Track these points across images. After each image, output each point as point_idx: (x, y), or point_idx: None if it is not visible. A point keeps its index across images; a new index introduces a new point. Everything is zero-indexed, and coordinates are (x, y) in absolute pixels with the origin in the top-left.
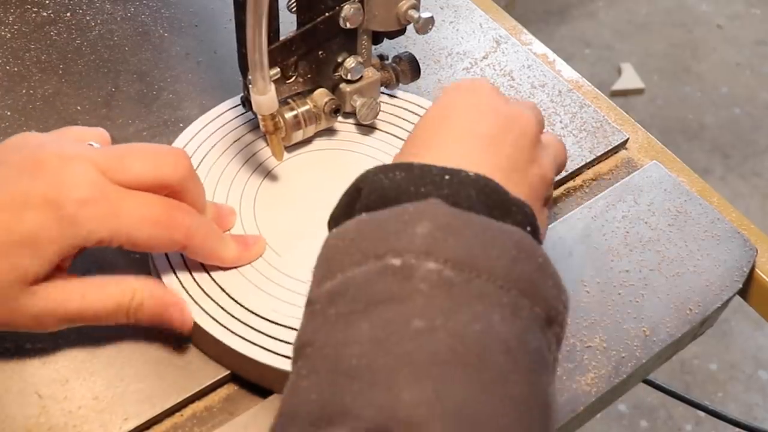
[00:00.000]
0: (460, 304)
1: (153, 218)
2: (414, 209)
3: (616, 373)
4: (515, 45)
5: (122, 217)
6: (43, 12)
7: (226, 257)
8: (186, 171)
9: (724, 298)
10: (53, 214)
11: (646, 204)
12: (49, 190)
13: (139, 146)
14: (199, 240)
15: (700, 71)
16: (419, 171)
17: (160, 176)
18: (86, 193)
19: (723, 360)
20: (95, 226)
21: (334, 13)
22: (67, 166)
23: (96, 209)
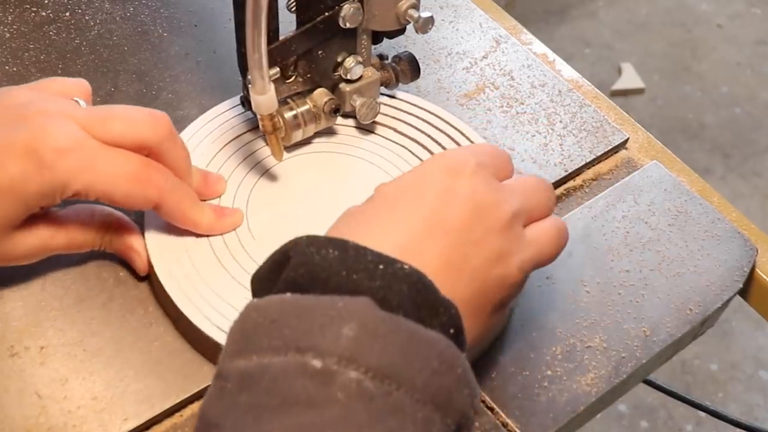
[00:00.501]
0: (376, 420)
1: (128, 174)
2: (344, 306)
3: (616, 374)
4: (515, 45)
5: (98, 171)
6: (42, 12)
7: (200, 222)
8: (165, 133)
9: (725, 298)
10: (33, 163)
11: (647, 204)
12: (30, 140)
13: (121, 108)
14: (173, 201)
15: (700, 71)
16: (354, 253)
17: (139, 137)
18: (65, 144)
19: (723, 360)
20: (72, 176)
21: (333, 13)
22: (49, 119)
23: (73, 160)
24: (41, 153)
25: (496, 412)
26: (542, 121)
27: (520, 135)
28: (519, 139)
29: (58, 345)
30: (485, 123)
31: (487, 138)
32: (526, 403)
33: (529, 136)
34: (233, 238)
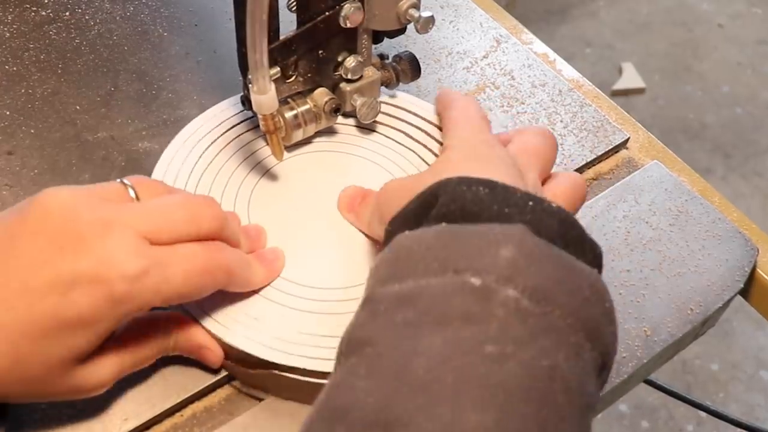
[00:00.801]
0: (532, 337)
1: (199, 269)
2: (500, 231)
3: (617, 373)
4: (516, 44)
5: (171, 281)
6: (42, 11)
7: (258, 282)
8: (222, 221)
9: (726, 298)
10: (103, 293)
11: (647, 204)
12: (96, 268)
13: (175, 204)
14: (238, 276)
15: (701, 71)
16: (502, 190)
17: (200, 232)
18: (135, 269)
19: (724, 360)
20: (148, 298)
21: (334, 12)
22: (110, 237)
23: (147, 282)
24: (112, 283)
25: None
26: (543, 121)
27: None
28: None
29: None
30: None
31: None
32: None
33: None
34: None
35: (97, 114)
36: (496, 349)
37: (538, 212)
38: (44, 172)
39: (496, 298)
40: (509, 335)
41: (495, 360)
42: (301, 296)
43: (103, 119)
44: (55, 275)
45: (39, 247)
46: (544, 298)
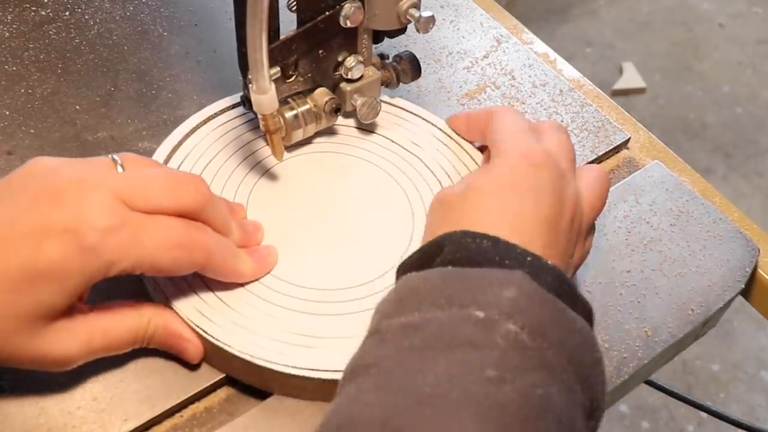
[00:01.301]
0: (529, 368)
1: (174, 242)
2: (502, 275)
3: (617, 374)
4: (516, 44)
5: (144, 244)
6: (41, 11)
7: (244, 273)
8: (205, 198)
9: (727, 298)
10: (75, 244)
11: (648, 204)
12: (69, 220)
13: (158, 174)
14: (219, 259)
15: (701, 70)
16: (504, 246)
17: (180, 205)
18: (107, 222)
19: (725, 360)
20: (118, 255)
21: (334, 12)
22: (86, 193)
23: (118, 238)
24: (83, 234)
25: None
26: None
27: None
28: None
29: None
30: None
31: None
32: None
33: None
34: None
35: (97, 114)
36: (497, 373)
37: (535, 266)
38: None
39: (499, 330)
40: (509, 363)
41: (494, 383)
42: (300, 297)
43: (103, 119)
44: (29, 226)
45: (18, 202)
46: (541, 336)
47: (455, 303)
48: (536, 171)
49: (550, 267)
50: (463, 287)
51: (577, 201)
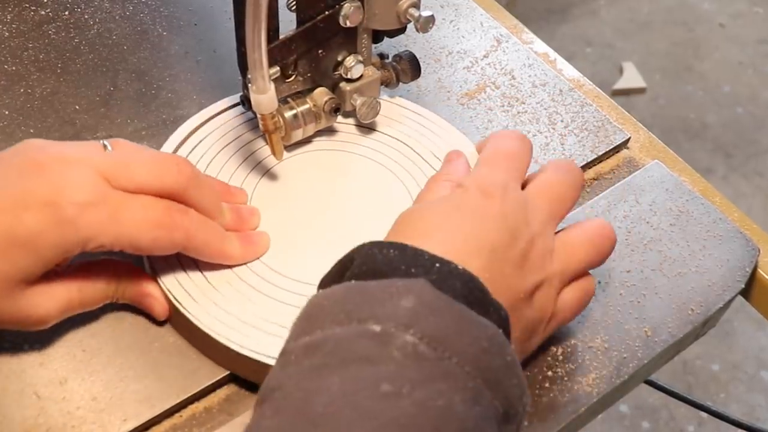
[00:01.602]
0: (428, 379)
1: (153, 221)
2: (402, 284)
3: (617, 374)
4: (516, 44)
5: (122, 222)
6: (41, 11)
7: (231, 255)
8: (189, 178)
9: (726, 298)
10: (53, 216)
11: (648, 204)
12: (49, 193)
13: (141, 153)
14: (200, 240)
15: (702, 70)
16: (412, 253)
17: (162, 184)
18: (87, 197)
19: (725, 360)
20: (95, 231)
21: (334, 12)
22: (68, 169)
23: (96, 214)
24: (61, 207)
25: None
26: (543, 121)
27: None
28: None
29: (57, 345)
30: (486, 122)
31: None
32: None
33: (530, 135)
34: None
35: (97, 114)
36: (392, 388)
37: (444, 273)
38: None
39: (395, 343)
40: (405, 376)
41: (390, 398)
42: (302, 293)
43: (103, 119)
44: (11, 197)
45: (4, 175)
46: (441, 345)
47: (354, 318)
48: (485, 199)
49: (460, 272)
50: (362, 300)
51: (543, 243)
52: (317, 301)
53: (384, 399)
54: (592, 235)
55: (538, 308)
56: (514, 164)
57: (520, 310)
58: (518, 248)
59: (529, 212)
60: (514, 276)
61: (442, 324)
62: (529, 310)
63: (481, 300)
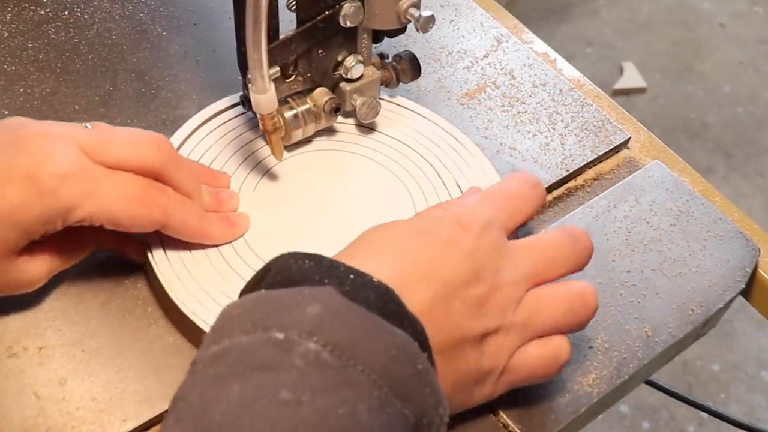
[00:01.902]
0: (331, 387)
1: (131, 197)
2: (309, 292)
3: (617, 374)
4: (516, 44)
5: (101, 196)
6: (40, 10)
7: (212, 234)
8: (168, 156)
9: (727, 298)
10: (34, 189)
11: (648, 204)
12: (30, 166)
13: (123, 130)
14: (179, 219)
15: (702, 70)
16: (328, 265)
17: (142, 161)
18: (66, 169)
19: (725, 361)
20: (76, 202)
21: (334, 12)
22: (49, 142)
23: (76, 185)
24: (42, 179)
25: (497, 414)
26: (543, 121)
27: (521, 134)
28: (520, 138)
29: (57, 345)
30: (486, 122)
31: (488, 138)
32: (527, 404)
33: (531, 135)
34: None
35: (96, 114)
36: (292, 395)
37: (357, 284)
38: None
39: (297, 350)
40: (307, 384)
41: (289, 405)
42: None
43: (102, 119)
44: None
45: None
46: (346, 353)
47: (260, 326)
48: (459, 231)
49: (375, 284)
50: (270, 309)
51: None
52: (228, 311)
53: (283, 407)
54: (571, 296)
55: (489, 355)
56: (512, 205)
57: (463, 352)
58: (478, 290)
59: (506, 260)
60: (464, 315)
61: (347, 332)
62: (474, 353)
63: (395, 312)
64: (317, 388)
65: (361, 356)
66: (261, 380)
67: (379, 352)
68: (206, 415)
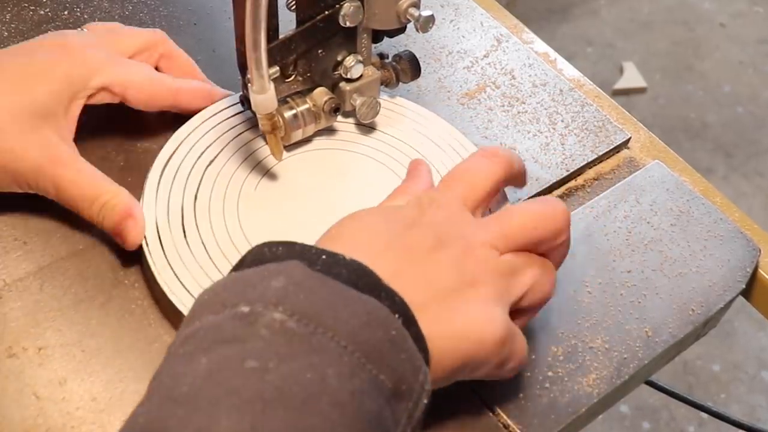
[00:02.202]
0: (297, 353)
1: (148, 75)
2: (275, 267)
3: (618, 374)
4: (516, 44)
5: (122, 65)
6: (40, 10)
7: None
8: (163, 36)
9: (727, 298)
10: (63, 51)
11: (649, 204)
12: (59, 39)
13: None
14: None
15: (702, 70)
16: (300, 248)
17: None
18: (91, 41)
19: (726, 361)
20: (99, 65)
21: (333, 12)
22: (87, 48)
23: (99, 53)
24: (70, 45)
25: (497, 414)
26: (544, 121)
27: (522, 134)
28: (520, 138)
29: (57, 346)
30: (486, 122)
31: (488, 138)
32: (527, 404)
33: (531, 135)
34: (237, 237)
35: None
36: (258, 363)
37: (329, 263)
38: None
39: (262, 321)
40: (273, 352)
41: (255, 372)
42: None
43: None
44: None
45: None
46: (314, 321)
47: (228, 305)
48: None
49: (347, 261)
50: (237, 289)
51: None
52: (199, 297)
53: (249, 374)
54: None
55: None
56: (467, 178)
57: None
58: (448, 254)
59: (471, 227)
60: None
61: (314, 300)
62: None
63: (371, 285)
64: (283, 355)
65: (329, 323)
66: (227, 352)
67: (347, 319)
68: (175, 389)
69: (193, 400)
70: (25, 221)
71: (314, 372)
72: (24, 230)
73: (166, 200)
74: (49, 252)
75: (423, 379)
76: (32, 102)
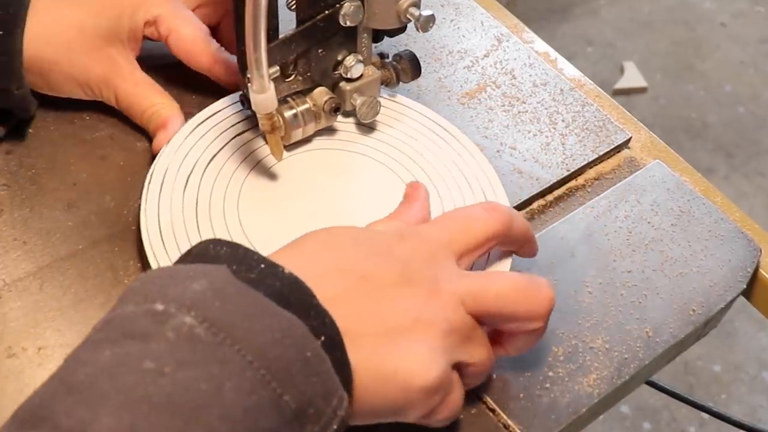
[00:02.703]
0: (198, 361)
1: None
2: (201, 268)
3: (618, 375)
4: (517, 43)
5: (178, 10)
6: None
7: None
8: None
9: (728, 298)
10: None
11: (649, 204)
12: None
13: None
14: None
15: (703, 70)
16: (243, 252)
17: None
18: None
19: (727, 361)
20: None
21: (334, 11)
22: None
23: None
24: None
25: (498, 414)
26: (544, 121)
27: (522, 134)
28: (521, 138)
29: (57, 346)
30: (487, 122)
31: (488, 137)
32: (527, 405)
33: (531, 135)
34: (238, 237)
35: (96, 113)
36: (155, 365)
37: (265, 273)
38: (42, 171)
39: (171, 322)
40: (174, 356)
41: (150, 374)
42: None
43: (102, 118)
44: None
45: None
46: (223, 330)
47: (148, 299)
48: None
49: (285, 275)
50: (161, 282)
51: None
52: (133, 282)
53: (144, 375)
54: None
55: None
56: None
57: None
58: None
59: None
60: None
61: (228, 310)
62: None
63: (301, 301)
64: (183, 360)
65: (238, 335)
66: (130, 348)
67: (259, 333)
68: (73, 375)
69: (85, 391)
70: (25, 221)
71: (211, 383)
72: (24, 230)
73: (167, 200)
74: (48, 252)
75: (337, 405)
76: (98, 26)
